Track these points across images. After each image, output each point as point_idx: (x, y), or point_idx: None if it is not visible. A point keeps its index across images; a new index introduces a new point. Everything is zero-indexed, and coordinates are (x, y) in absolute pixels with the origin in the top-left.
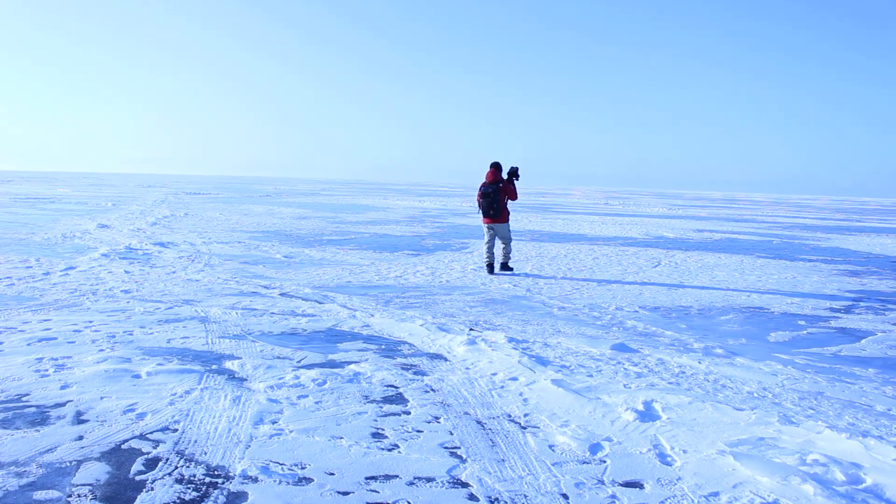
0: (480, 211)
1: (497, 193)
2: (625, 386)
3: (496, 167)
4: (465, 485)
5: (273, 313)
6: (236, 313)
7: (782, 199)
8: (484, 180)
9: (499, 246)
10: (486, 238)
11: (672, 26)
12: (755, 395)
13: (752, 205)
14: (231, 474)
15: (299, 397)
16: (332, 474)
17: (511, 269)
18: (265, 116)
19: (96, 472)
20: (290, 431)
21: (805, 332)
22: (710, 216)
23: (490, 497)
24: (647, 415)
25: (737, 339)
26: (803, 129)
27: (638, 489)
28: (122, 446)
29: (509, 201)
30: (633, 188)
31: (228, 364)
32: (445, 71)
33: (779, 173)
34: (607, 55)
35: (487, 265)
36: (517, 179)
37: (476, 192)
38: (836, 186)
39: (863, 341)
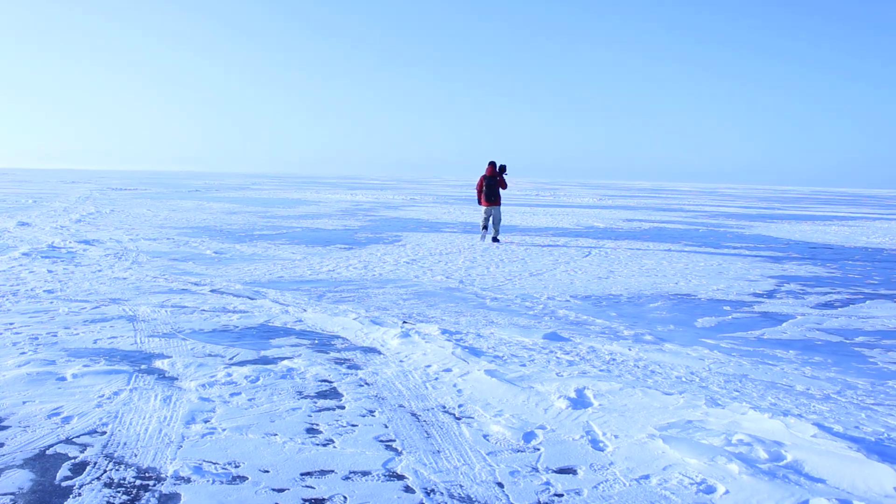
0: (482, 196)
1: (496, 185)
2: (557, 374)
3: (493, 164)
4: (400, 477)
5: (204, 310)
6: (166, 311)
7: (707, 189)
8: (484, 174)
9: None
10: (484, 216)
11: (601, 18)
12: (683, 379)
13: (678, 194)
14: (163, 476)
15: (232, 395)
16: (267, 472)
17: (498, 241)
18: (191, 109)
19: (19, 479)
20: (223, 430)
21: (730, 317)
22: (639, 206)
23: (426, 488)
24: (580, 402)
25: (665, 325)
26: (726, 121)
27: (571, 475)
28: (47, 452)
29: (501, 190)
30: (563, 179)
31: (158, 363)
32: (374, 63)
33: (704, 164)
34: (537, 48)
35: (483, 227)
36: (506, 174)
37: (476, 183)
38: (759, 176)
39: (784, 325)
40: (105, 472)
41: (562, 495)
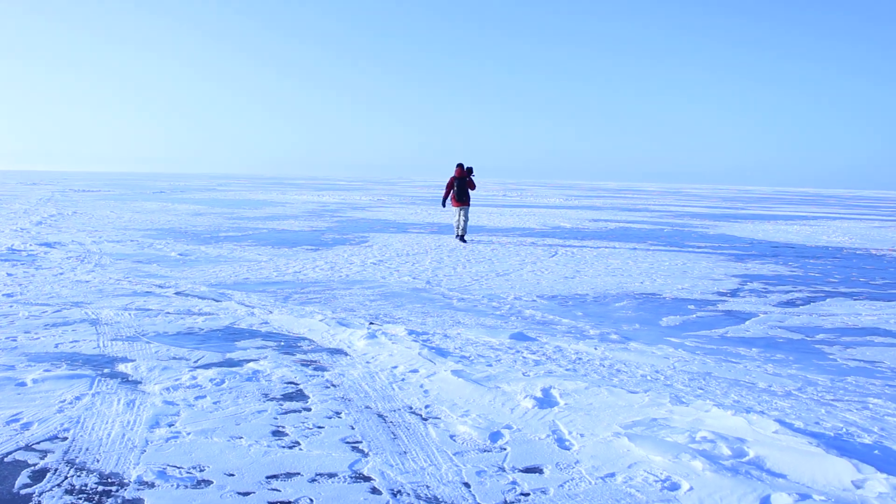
0: (451, 197)
1: (465, 186)
2: (523, 374)
3: (461, 166)
4: (367, 479)
5: (168, 313)
6: (129, 314)
7: (672, 189)
8: (454, 175)
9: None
10: (457, 217)
11: (567, 18)
12: (648, 377)
13: (644, 195)
14: (126, 481)
15: (197, 398)
16: (232, 475)
17: (465, 241)
18: (155, 110)
19: None
20: (188, 433)
21: (694, 315)
22: (605, 206)
23: (392, 490)
24: (546, 401)
25: (631, 324)
26: (695, 122)
27: (538, 474)
28: (6, 459)
29: (470, 191)
30: (530, 179)
31: (122, 367)
32: (341, 63)
33: (669, 165)
34: (503, 49)
35: (457, 227)
36: (473, 175)
37: (446, 183)
38: (724, 176)
39: (747, 323)
40: (66, 478)
41: (528, 494)
